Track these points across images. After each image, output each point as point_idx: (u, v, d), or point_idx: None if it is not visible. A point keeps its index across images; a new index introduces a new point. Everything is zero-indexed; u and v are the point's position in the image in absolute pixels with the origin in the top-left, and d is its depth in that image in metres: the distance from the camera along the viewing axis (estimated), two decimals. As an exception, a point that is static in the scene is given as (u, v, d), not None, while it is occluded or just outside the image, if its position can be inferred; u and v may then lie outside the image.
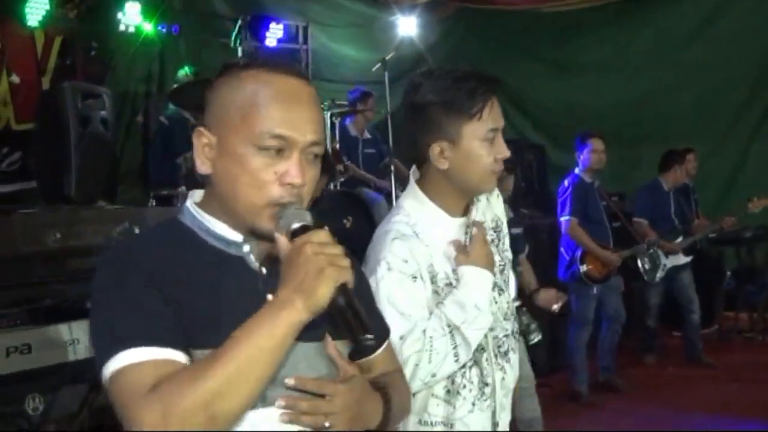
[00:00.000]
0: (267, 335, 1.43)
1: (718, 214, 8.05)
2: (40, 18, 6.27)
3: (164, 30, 7.53)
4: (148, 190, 6.59)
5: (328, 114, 7.60)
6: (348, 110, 7.98)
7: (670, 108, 9.94)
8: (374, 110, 8.13)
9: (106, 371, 1.44)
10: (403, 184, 7.59)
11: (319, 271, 1.44)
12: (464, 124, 2.32)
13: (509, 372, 2.50)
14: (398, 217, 2.39)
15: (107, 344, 1.46)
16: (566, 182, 6.70)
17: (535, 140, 10.17)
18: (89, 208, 3.86)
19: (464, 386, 2.37)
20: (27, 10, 6.15)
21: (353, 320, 1.50)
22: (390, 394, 1.75)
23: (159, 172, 6.64)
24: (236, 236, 1.62)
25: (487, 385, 2.41)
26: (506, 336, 2.50)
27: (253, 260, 1.64)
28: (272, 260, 1.63)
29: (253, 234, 1.62)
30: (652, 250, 7.47)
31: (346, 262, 1.48)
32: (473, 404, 2.38)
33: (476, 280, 2.33)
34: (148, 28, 7.37)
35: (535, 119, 10.92)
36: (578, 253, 6.58)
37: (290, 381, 1.56)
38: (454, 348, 2.27)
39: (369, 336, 1.51)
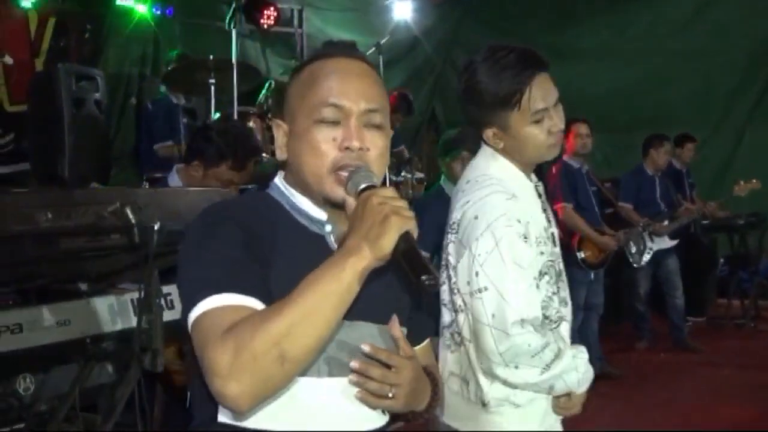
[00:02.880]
0: (334, 279, 1.50)
1: (712, 199, 8.10)
2: (33, -1, 6.27)
3: (158, 12, 7.52)
4: (141, 172, 6.60)
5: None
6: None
7: (665, 94, 9.96)
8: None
9: (192, 316, 1.54)
10: (396, 166, 7.66)
11: (384, 219, 1.51)
12: (510, 114, 2.42)
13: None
14: (493, 180, 2.47)
15: (195, 291, 1.55)
16: (553, 169, 6.67)
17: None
18: (81, 189, 3.87)
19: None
20: (21, -10, 6.14)
21: (414, 262, 1.54)
22: (438, 381, 1.87)
23: (147, 157, 6.65)
24: (320, 214, 1.73)
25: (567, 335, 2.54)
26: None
27: (332, 240, 1.73)
28: None
29: (327, 203, 1.72)
30: (641, 234, 7.51)
31: (409, 213, 1.54)
32: None
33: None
34: (143, 10, 7.34)
35: (531, 105, 10.90)
36: (575, 240, 6.58)
37: (366, 348, 1.65)
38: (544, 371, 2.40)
39: (430, 276, 1.52)
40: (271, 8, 8.34)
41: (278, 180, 1.81)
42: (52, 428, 3.38)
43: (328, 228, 1.73)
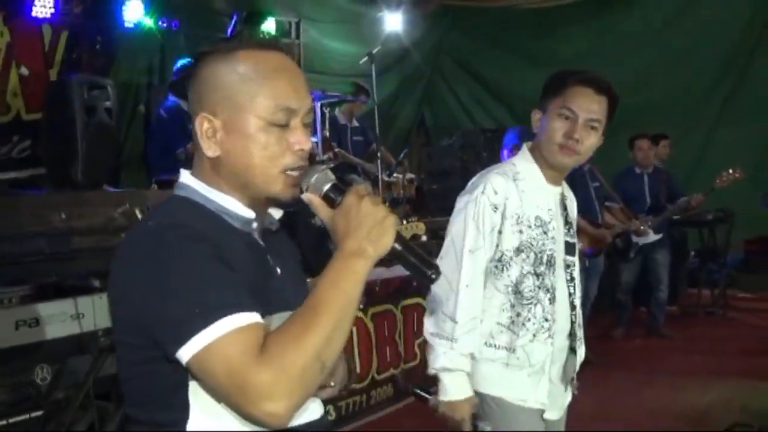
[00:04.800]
0: (352, 283, 1.46)
1: (685, 194, 8.12)
2: (47, 14, 6.22)
3: (165, 25, 7.47)
4: (149, 176, 6.58)
5: (319, 104, 7.63)
6: (336, 100, 8.01)
7: (641, 98, 9.95)
8: (364, 103, 8.14)
9: (199, 343, 1.37)
10: (388, 168, 7.68)
11: (383, 219, 1.50)
12: (551, 99, 2.63)
13: (580, 349, 2.77)
14: (506, 163, 2.75)
15: (195, 317, 1.38)
16: None
17: (513, 129, 10.19)
18: (93, 191, 3.87)
19: (528, 319, 2.61)
20: (35, 6, 6.09)
21: (416, 259, 1.57)
22: (346, 357, 1.81)
23: (158, 162, 6.62)
24: (249, 213, 1.61)
25: (546, 320, 2.64)
26: (580, 313, 2.78)
27: (257, 236, 1.64)
28: (267, 234, 1.68)
29: (268, 203, 1.63)
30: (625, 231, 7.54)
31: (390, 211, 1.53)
32: (534, 335, 2.62)
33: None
34: (150, 22, 7.32)
35: (514, 109, 10.92)
36: None
37: None
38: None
39: (435, 269, 1.58)
40: (270, 20, 8.31)
41: (190, 181, 1.62)
42: (68, 415, 3.37)
43: (255, 225, 1.63)
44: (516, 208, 2.59)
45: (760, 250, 9.57)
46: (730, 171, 7.29)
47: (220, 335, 1.37)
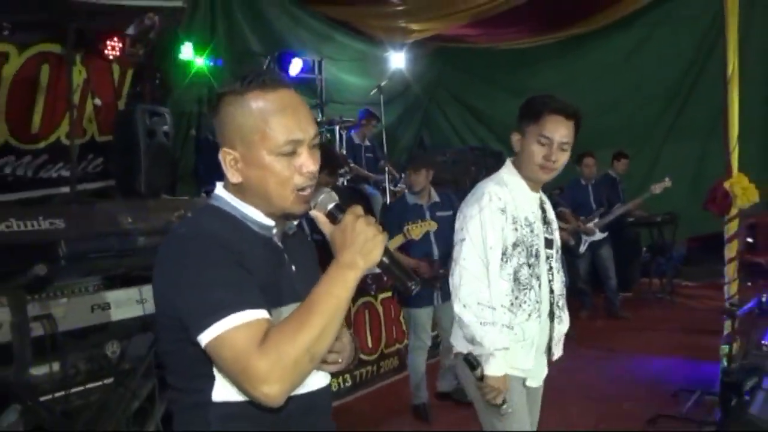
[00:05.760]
0: (343, 289, 1.45)
1: (624, 200, 8.20)
2: (117, 54, 6.25)
3: (212, 63, 7.49)
4: (199, 187, 6.61)
5: (337, 127, 7.67)
6: (351, 124, 8.06)
7: (604, 121, 9.91)
8: (374, 126, 8.17)
9: (212, 333, 1.39)
10: (394, 180, 7.69)
11: (374, 236, 1.47)
12: (529, 124, 2.61)
13: (560, 325, 2.83)
14: (496, 175, 2.71)
15: (211, 312, 1.40)
16: None
17: (496, 148, 10.19)
18: (153, 199, 3.87)
19: (524, 302, 2.62)
20: (107, 48, 6.12)
21: (400, 272, 1.55)
22: (352, 335, 1.78)
23: (206, 175, 6.65)
24: (269, 221, 1.60)
25: (538, 302, 2.65)
26: (561, 295, 2.82)
27: (277, 240, 1.64)
28: (286, 237, 1.67)
29: (284, 217, 1.61)
30: (575, 231, 7.65)
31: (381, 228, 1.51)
32: (529, 315, 2.64)
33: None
34: (200, 62, 7.34)
35: (496, 132, 10.92)
36: None
37: None
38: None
39: (415, 281, 1.56)
40: (297, 60, 8.31)
41: (222, 193, 1.63)
42: (134, 382, 3.38)
43: (275, 231, 1.62)
44: (512, 210, 2.60)
45: (700, 247, 9.52)
46: (663, 181, 7.61)
47: (230, 328, 1.38)
